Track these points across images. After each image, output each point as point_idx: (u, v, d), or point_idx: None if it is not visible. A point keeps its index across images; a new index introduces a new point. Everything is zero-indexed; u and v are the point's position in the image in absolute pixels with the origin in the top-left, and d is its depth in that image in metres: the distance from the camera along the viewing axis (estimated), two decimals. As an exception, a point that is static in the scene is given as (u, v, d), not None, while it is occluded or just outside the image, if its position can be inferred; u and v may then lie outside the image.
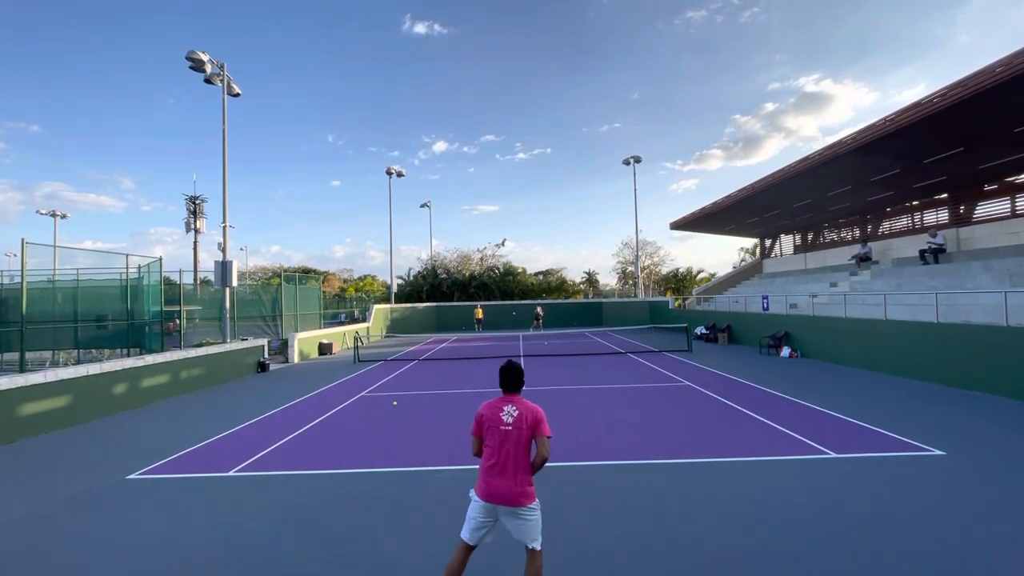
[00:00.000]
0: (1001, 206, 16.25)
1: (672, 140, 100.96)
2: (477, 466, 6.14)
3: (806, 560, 3.71)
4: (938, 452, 6.08)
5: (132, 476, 6.07)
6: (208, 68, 16.14)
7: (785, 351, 15.59)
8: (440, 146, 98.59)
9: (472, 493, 3.16)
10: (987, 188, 16.84)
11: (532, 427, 3.07)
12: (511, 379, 3.27)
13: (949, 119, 11.54)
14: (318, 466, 6.29)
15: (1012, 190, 15.85)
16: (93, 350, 14.35)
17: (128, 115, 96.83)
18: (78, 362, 13.33)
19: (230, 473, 6.09)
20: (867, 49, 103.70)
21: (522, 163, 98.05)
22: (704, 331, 21.74)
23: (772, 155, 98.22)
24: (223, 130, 16.95)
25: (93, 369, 9.50)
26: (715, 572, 3.58)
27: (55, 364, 13.80)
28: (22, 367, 10.69)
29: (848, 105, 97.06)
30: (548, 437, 3.07)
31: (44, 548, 4.29)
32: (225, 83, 16.70)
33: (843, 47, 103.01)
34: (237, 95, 17.29)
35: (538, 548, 3.04)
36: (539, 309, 31.07)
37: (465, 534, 3.10)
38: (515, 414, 3.10)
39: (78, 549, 4.25)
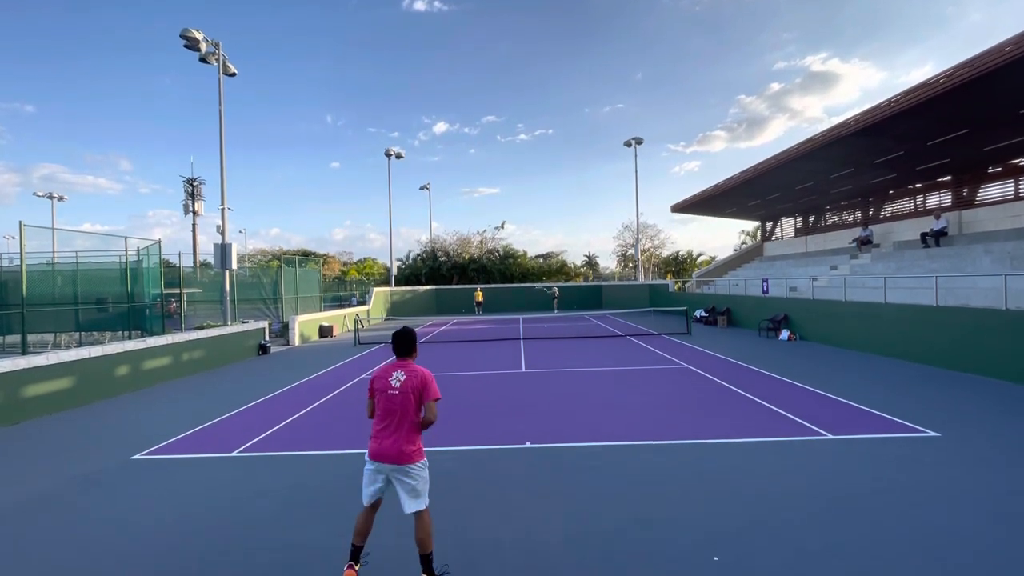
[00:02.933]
0: (1004, 189, 16.13)
1: (675, 121, 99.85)
2: (476, 447, 6.24)
3: (801, 538, 3.78)
4: (933, 433, 6.15)
5: (137, 456, 6.14)
6: (203, 47, 15.86)
7: (784, 334, 15.66)
8: (441, 127, 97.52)
9: (366, 456, 3.29)
10: (991, 170, 16.70)
11: (419, 391, 3.20)
12: (401, 345, 3.40)
13: (955, 100, 11.38)
14: (320, 447, 6.37)
15: (1016, 172, 15.72)
16: (94, 333, 14.41)
17: (124, 95, 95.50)
18: (79, 344, 13.39)
19: (234, 454, 6.17)
20: (876, 27, 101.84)
21: (523, 144, 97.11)
22: (703, 314, 21.81)
23: (776, 136, 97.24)
24: (220, 111, 16.75)
25: (95, 351, 9.55)
26: (712, 550, 3.65)
27: (57, 347, 13.87)
28: (24, 349, 10.73)
29: (855, 85, 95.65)
30: (435, 400, 3.20)
31: (54, 526, 4.37)
32: (221, 62, 16.44)
33: (852, 25, 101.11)
34: (233, 75, 17.04)
35: (421, 508, 3.21)
36: (556, 290, 32.04)
37: (363, 499, 3.30)
38: (403, 379, 3.23)
39: (87, 527, 4.33)
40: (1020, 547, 3.57)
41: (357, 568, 3.30)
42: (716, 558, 3.53)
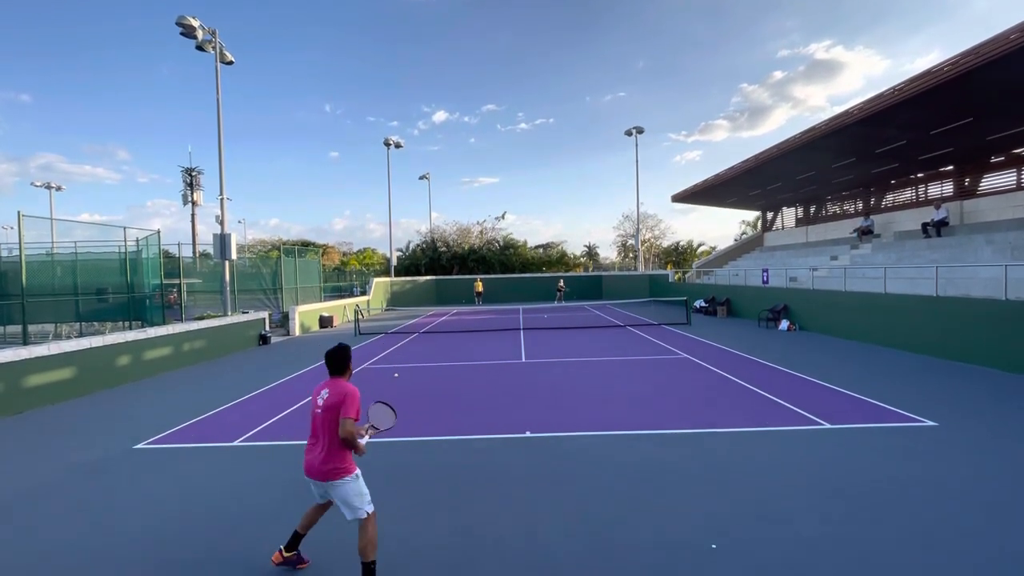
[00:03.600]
0: (1007, 178, 16.04)
1: (677, 110, 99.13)
2: (476, 436, 6.27)
3: (798, 526, 3.81)
4: (931, 423, 6.18)
5: (139, 446, 6.18)
6: (199, 35, 15.67)
7: (783, 324, 15.68)
8: (440, 116, 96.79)
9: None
10: (993, 160, 16.60)
11: (337, 407, 3.15)
12: (330, 363, 3.36)
13: (960, 88, 11.27)
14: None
15: (1019, 162, 15.62)
16: (95, 323, 14.43)
17: (121, 84, 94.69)
18: (80, 335, 13.42)
19: (235, 443, 6.20)
20: (881, 14, 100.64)
21: (524, 134, 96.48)
22: (703, 304, 21.82)
23: (779, 126, 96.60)
24: (217, 99, 16.61)
25: (96, 342, 9.57)
26: (710, 537, 3.68)
27: (58, 337, 13.90)
28: (25, 340, 10.76)
29: (859, 73, 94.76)
30: (349, 418, 3.12)
31: (59, 513, 4.41)
32: (217, 50, 16.26)
33: (856, 11, 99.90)
34: (230, 63, 16.87)
35: (362, 517, 3.22)
36: (561, 282, 32.23)
37: (315, 498, 3.45)
38: (326, 396, 3.23)
39: (90, 515, 4.37)
40: (1016, 536, 3.61)
41: (287, 555, 3.41)
42: (714, 545, 3.57)
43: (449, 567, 3.43)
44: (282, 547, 3.44)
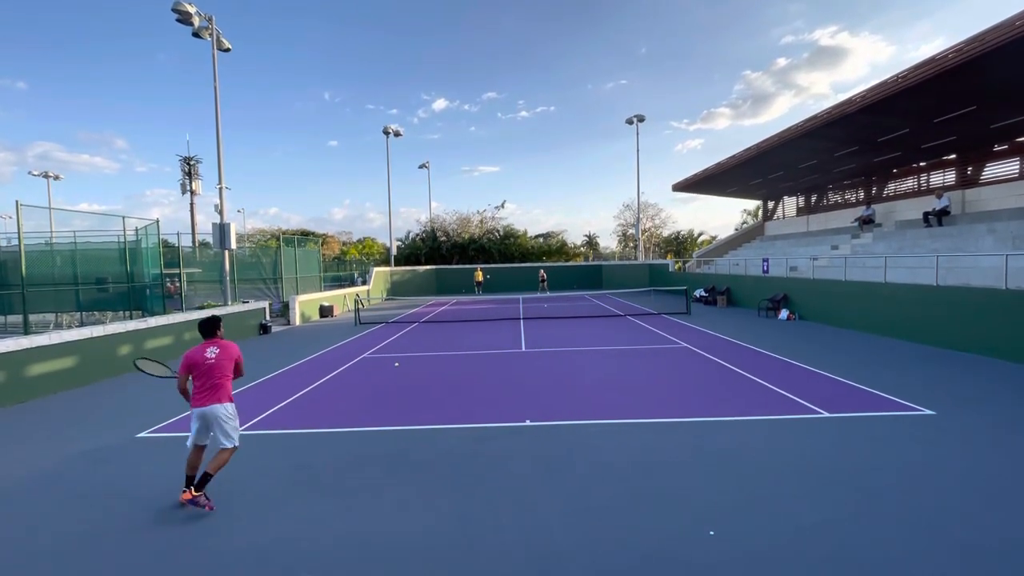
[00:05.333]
0: (1010, 167, 15.95)
1: (679, 98, 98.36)
2: (476, 425, 6.31)
3: (796, 514, 3.85)
4: (928, 412, 6.22)
5: (142, 434, 6.23)
6: (196, 21, 15.48)
7: (783, 314, 15.70)
8: (440, 104, 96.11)
9: (191, 409, 4.34)
10: (996, 148, 16.49)
11: (234, 358, 4.47)
12: (207, 328, 4.56)
13: (964, 76, 11.16)
14: (323, 425, 6.44)
15: (1022, 150, 15.53)
16: (95, 312, 14.45)
17: (118, 72, 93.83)
18: (81, 324, 13.44)
19: (237, 432, 6.23)
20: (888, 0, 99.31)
21: (524, 122, 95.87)
22: (703, 294, 21.83)
23: (781, 113, 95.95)
24: (215, 87, 16.47)
25: (96, 331, 9.59)
26: (708, 525, 3.72)
27: (58, 326, 13.92)
28: (26, 329, 10.78)
29: (864, 60, 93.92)
30: (240, 361, 4.57)
31: (63, 501, 4.45)
32: (214, 37, 16.08)
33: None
34: (227, 50, 16.70)
35: (229, 447, 4.28)
36: (542, 272, 32.07)
37: (190, 442, 4.32)
38: (217, 352, 4.39)
39: (94, 504, 4.41)
40: (1011, 524, 3.64)
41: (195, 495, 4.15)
42: (712, 532, 3.61)
43: (449, 554, 3.47)
44: (184, 486, 4.23)
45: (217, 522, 4.00)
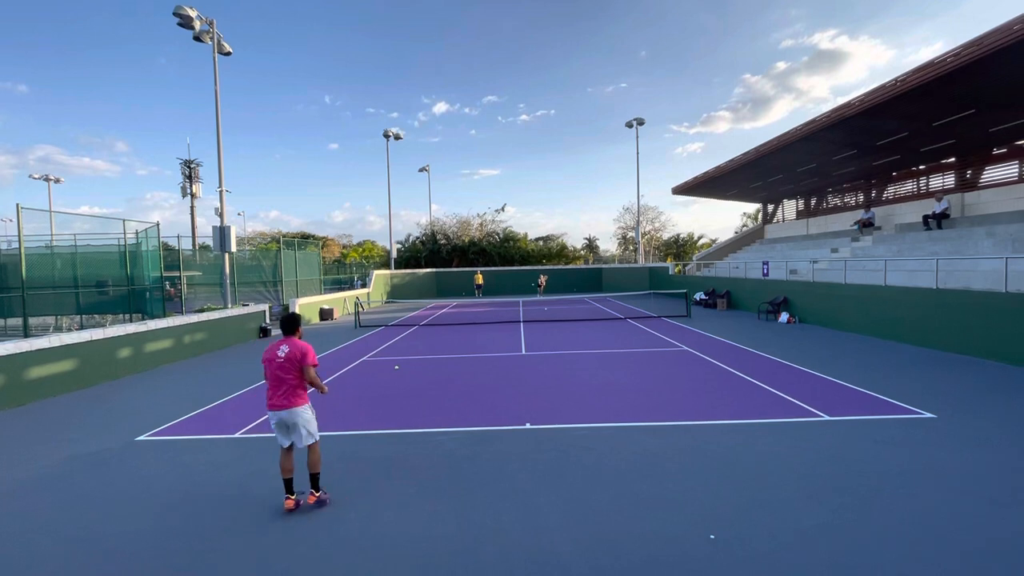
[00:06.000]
0: (1009, 170, 15.99)
1: (680, 101, 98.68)
2: (477, 428, 6.31)
3: (797, 517, 3.84)
4: (929, 415, 6.21)
5: (141, 438, 6.21)
6: (197, 25, 15.55)
7: (783, 317, 15.69)
8: (440, 107, 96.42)
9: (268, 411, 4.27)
10: (995, 152, 16.53)
11: (300, 359, 4.20)
12: (287, 325, 4.43)
13: (963, 79, 11.20)
14: (322, 428, 6.39)
15: (1021, 154, 15.56)
16: (95, 315, 14.45)
17: (119, 75, 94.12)
18: (81, 327, 13.44)
19: (236, 435, 6.24)
20: (887, 3, 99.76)
21: (525, 125, 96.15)
22: (703, 297, 21.83)
23: (781, 117, 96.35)
24: (215, 91, 16.52)
25: (96, 334, 9.58)
26: (709, 527, 3.71)
27: (58, 329, 13.92)
28: (26, 332, 10.78)
29: (863, 64, 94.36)
30: (313, 365, 4.27)
31: (62, 505, 4.44)
32: (215, 41, 16.14)
33: (862, 1, 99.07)
34: (228, 54, 16.76)
35: (310, 443, 4.23)
36: (542, 277, 32.48)
37: (279, 443, 4.29)
38: (287, 351, 4.22)
39: (94, 506, 4.40)
40: (1013, 527, 3.63)
41: (293, 498, 4.20)
42: (712, 536, 3.60)
43: (449, 556, 3.46)
44: (286, 494, 4.20)
45: (216, 527, 3.98)
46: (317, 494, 4.21)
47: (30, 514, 4.29)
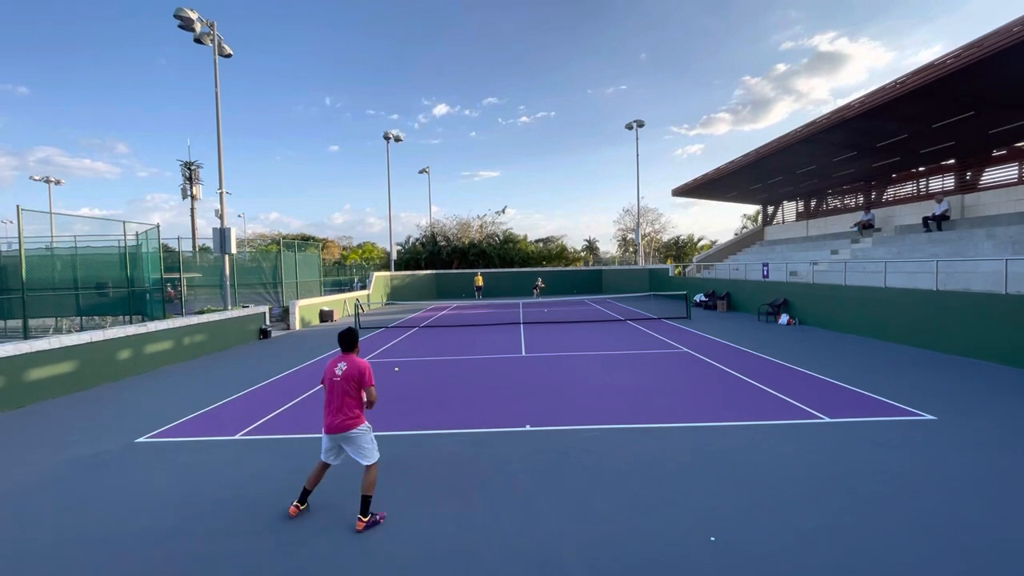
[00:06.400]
0: (1008, 172, 15.99)
1: (680, 103, 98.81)
2: (477, 429, 6.31)
3: (797, 519, 3.83)
4: (930, 417, 6.20)
5: (140, 440, 6.20)
6: (198, 27, 15.57)
7: (783, 318, 15.69)
8: (441, 109, 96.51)
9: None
10: (995, 154, 16.53)
11: (358, 378, 4.03)
12: (345, 342, 4.22)
13: (962, 81, 11.20)
14: (321, 430, 6.40)
15: (1021, 156, 15.56)
16: (95, 317, 14.44)
17: (119, 77, 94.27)
18: (81, 329, 13.43)
19: (236, 437, 6.23)
20: (887, 5, 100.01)
21: (525, 127, 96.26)
22: (703, 299, 21.82)
23: (781, 119, 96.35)
24: (216, 93, 16.53)
25: (96, 336, 9.58)
26: (709, 530, 3.70)
27: (58, 331, 13.91)
28: (26, 334, 10.78)
29: (863, 66, 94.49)
30: (371, 386, 4.09)
31: (61, 507, 4.43)
32: (216, 43, 16.16)
33: (862, 3, 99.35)
34: (229, 56, 16.77)
35: (369, 463, 4.01)
36: (539, 281, 32.46)
37: (322, 456, 4.18)
38: (344, 368, 4.06)
39: (92, 509, 4.39)
40: (1013, 528, 3.63)
41: (301, 508, 4.13)
42: (713, 538, 3.59)
43: (449, 558, 3.45)
44: (296, 502, 4.15)
45: (216, 529, 3.97)
46: (366, 520, 3.86)
47: (29, 516, 4.29)
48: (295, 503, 4.13)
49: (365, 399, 4.09)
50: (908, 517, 3.82)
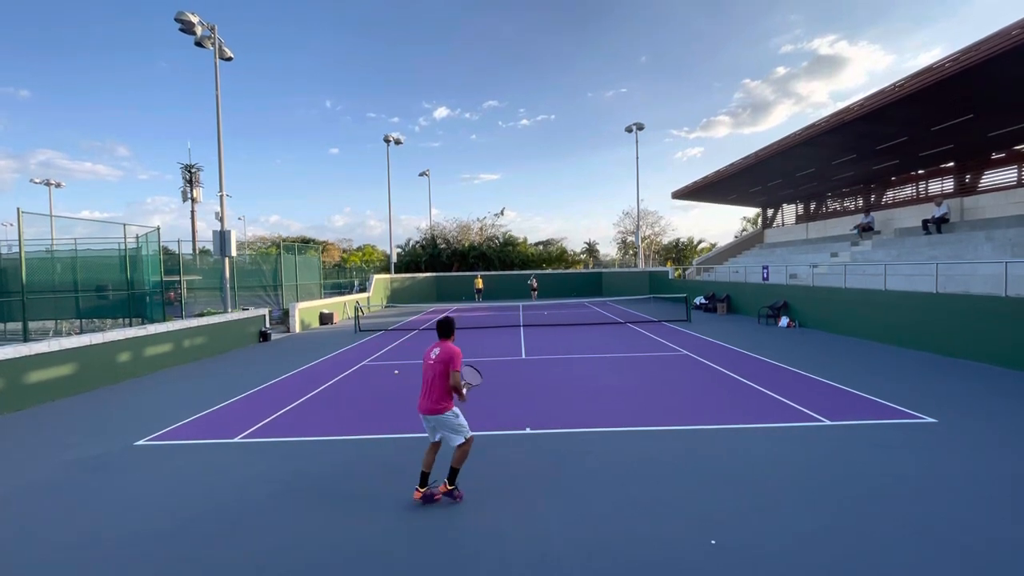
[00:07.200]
0: (1007, 175, 16.02)
1: (680, 106, 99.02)
2: (476, 432, 6.29)
3: (798, 522, 3.83)
4: (930, 419, 6.19)
5: (140, 442, 6.20)
6: (199, 31, 15.61)
7: (783, 321, 15.68)
8: (441, 112, 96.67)
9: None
10: (994, 157, 16.57)
11: (447, 362, 4.30)
12: (441, 329, 4.56)
13: (961, 84, 11.23)
14: (321, 432, 6.41)
15: (1019, 159, 15.59)
16: (95, 320, 14.44)
17: (120, 80, 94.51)
18: (80, 332, 13.42)
19: (235, 440, 6.22)
20: (886, 8, 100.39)
21: (525, 130, 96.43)
22: (703, 301, 21.82)
23: (780, 122, 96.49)
24: (216, 96, 16.57)
25: (96, 338, 9.58)
26: (709, 532, 3.70)
27: (58, 334, 13.91)
28: (25, 336, 10.76)
29: (862, 69, 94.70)
30: (456, 371, 4.29)
31: (59, 510, 4.42)
32: (216, 46, 16.20)
33: (861, 6, 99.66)
34: (229, 59, 16.82)
35: (461, 441, 4.31)
36: (532, 280, 32.46)
37: (428, 437, 4.46)
38: (438, 353, 4.37)
39: (91, 511, 4.38)
40: (1013, 530, 3.62)
41: (423, 491, 4.32)
42: (713, 541, 3.58)
43: (448, 560, 3.44)
44: (417, 485, 4.36)
45: (215, 531, 3.97)
46: (450, 487, 4.31)
47: (29, 518, 4.28)
48: (416, 487, 4.33)
49: (451, 382, 4.28)
50: (907, 519, 3.81)
